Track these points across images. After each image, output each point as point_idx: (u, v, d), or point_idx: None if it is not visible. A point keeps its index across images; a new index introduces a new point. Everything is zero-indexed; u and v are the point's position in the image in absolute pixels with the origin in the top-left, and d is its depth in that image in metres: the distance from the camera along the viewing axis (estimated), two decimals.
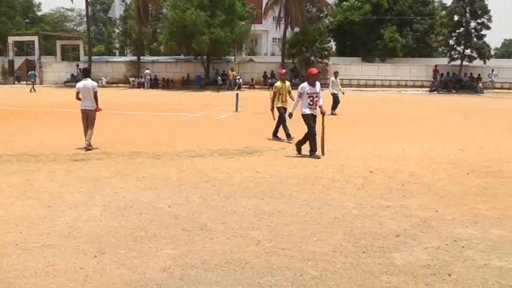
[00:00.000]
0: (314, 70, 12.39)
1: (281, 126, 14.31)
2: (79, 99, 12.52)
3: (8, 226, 6.35)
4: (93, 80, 12.94)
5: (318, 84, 12.28)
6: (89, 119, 12.48)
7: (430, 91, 44.77)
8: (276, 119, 14.50)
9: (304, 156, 11.57)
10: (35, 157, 11.19)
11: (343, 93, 23.53)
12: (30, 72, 46.50)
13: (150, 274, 5.01)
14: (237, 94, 25.26)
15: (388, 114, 23.15)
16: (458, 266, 5.22)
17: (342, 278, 4.94)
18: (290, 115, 12.64)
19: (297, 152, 11.85)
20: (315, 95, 12.02)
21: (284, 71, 16.11)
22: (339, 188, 8.52)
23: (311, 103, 11.98)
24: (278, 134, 14.49)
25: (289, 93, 14.96)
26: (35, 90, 41.39)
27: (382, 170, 9.96)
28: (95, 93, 12.41)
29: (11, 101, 27.13)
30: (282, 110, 14.41)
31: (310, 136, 11.67)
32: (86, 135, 12.46)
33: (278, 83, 14.98)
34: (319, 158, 11.32)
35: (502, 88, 45.88)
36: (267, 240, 5.97)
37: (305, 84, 12.12)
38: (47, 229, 6.34)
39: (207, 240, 5.95)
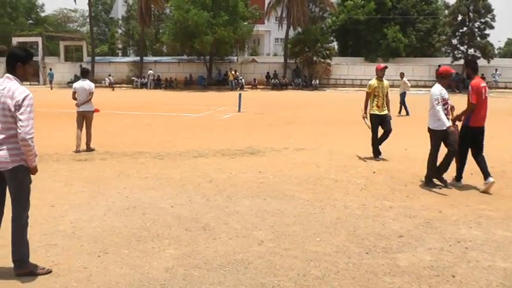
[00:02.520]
0: (448, 69, 9.27)
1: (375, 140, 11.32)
2: (75, 98, 12.49)
3: None
4: (92, 81, 12.90)
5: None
6: (86, 121, 12.42)
7: None
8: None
9: (305, 156, 11.55)
10: (38, 157, 11.19)
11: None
12: (49, 72, 50.55)
13: (153, 274, 5.00)
14: (240, 94, 25.26)
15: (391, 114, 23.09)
16: (462, 267, 5.20)
17: (345, 278, 4.93)
18: (454, 127, 8.84)
19: (440, 184, 8.79)
20: (448, 102, 8.97)
21: (382, 65, 11.61)
22: (341, 189, 8.51)
23: (446, 113, 8.80)
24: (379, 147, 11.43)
25: (387, 95, 11.45)
26: (51, 88, 46.68)
27: (385, 171, 9.95)
28: (90, 94, 12.39)
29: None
30: (376, 120, 11.20)
31: (452, 157, 8.77)
32: (77, 138, 12.34)
33: (373, 81, 11.35)
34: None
35: (506, 88, 45.63)
36: (270, 240, 5.96)
37: (439, 87, 8.91)
38: (51, 229, 6.36)
39: (210, 240, 5.95)
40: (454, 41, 48.64)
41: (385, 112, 11.23)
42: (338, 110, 25.22)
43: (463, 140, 8.68)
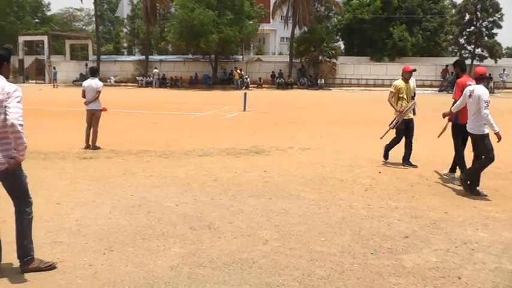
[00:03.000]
0: (486, 70, 8.88)
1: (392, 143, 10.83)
2: (84, 97, 12.58)
3: None
4: (100, 79, 12.96)
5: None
6: (93, 119, 12.53)
7: (439, 91, 44.52)
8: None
9: (311, 154, 11.53)
10: (44, 155, 11.23)
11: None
12: (54, 70, 50.85)
13: (158, 272, 5.00)
14: (245, 93, 25.24)
15: None
16: (468, 269, 5.17)
17: (349, 278, 4.91)
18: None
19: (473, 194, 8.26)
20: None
21: (411, 67, 10.77)
22: (347, 188, 8.49)
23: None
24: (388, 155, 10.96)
25: (413, 98, 10.75)
26: (56, 87, 47.59)
27: (391, 171, 9.92)
28: (98, 92, 12.45)
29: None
30: (402, 124, 10.55)
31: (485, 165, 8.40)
32: (86, 135, 12.50)
33: (398, 81, 10.65)
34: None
35: None
36: (275, 239, 5.95)
37: (485, 89, 8.31)
38: (56, 226, 6.36)
39: (214, 239, 5.94)
40: (461, 41, 48.49)
41: (411, 116, 10.62)
42: (343, 109, 25.20)
43: (457, 136, 9.08)
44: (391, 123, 10.57)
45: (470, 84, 8.68)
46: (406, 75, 10.58)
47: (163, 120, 19.27)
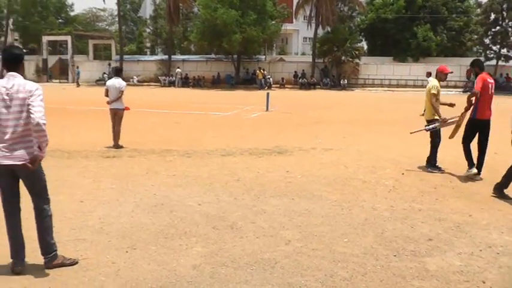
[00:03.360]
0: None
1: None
2: (107, 96, 12.70)
3: None
4: (123, 79, 13.08)
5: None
6: (116, 118, 12.64)
7: (463, 91, 43.98)
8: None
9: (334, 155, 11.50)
10: (67, 153, 11.35)
11: None
12: (77, 70, 51.41)
13: (180, 271, 5.03)
14: (268, 93, 25.22)
15: (419, 114, 22.79)
16: (492, 273, 5.11)
17: (372, 280, 4.89)
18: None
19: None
20: None
21: (449, 69, 10.29)
22: (370, 190, 8.45)
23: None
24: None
25: None
26: (79, 85, 48.50)
27: (414, 172, 9.84)
28: (121, 92, 12.56)
29: (44, 99, 27.49)
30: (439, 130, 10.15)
31: None
32: (113, 134, 12.65)
33: (438, 83, 10.03)
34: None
35: None
36: (297, 240, 5.94)
37: None
38: (79, 224, 6.44)
39: (237, 239, 5.96)
40: (486, 41, 47.85)
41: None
42: (366, 110, 25.05)
43: (472, 132, 9.36)
44: (428, 125, 10.13)
45: (491, 82, 9.21)
46: (443, 77, 10.19)
47: (186, 120, 19.36)
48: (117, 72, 13.33)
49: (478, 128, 9.30)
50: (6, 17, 61.35)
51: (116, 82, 12.58)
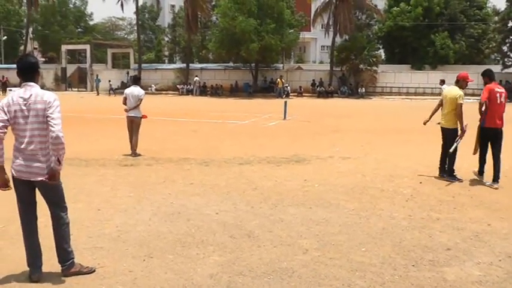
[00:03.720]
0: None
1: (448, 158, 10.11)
2: (125, 104, 12.82)
3: None
4: (141, 87, 13.19)
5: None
6: (133, 125, 12.74)
7: None
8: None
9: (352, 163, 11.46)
10: (85, 161, 11.44)
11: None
12: (96, 79, 52.14)
13: (197, 280, 5.04)
14: (285, 102, 25.25)
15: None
16: None
17: None
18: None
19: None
20: None
21: (471, 78, 10.28)
22: (387, 198, 8.41)
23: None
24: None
25: None
26: (98, 94, 49.87)
27: (432, 181, 9.78)
28: (140, 100, 12.66)
29: (63, 107, 27.79)
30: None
31: None
32: (130, 142, 12.74)
33: (461, 91, 9.96)
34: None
35: None
36: (315, 249, 5.93)
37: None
38: (97, 232, 6.48)
39: (254, 248, 5.96)
40: (504, 48, 47.44)
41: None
42: (384, 118, 24.97)
43: (483, 141, 9.76)
44: (457, 136, 9.93)
45: (500, 92, 9.53)
46: (465, 85, 9.99)
47: (203, 128, 19.42)
48: (136, 80, 13.44)
49: (487, 136, 9.62)
50: (26, 26, 62.30)
51: (135, 90, 12.69)
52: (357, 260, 5.59)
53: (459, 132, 9.87)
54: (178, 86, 52.45)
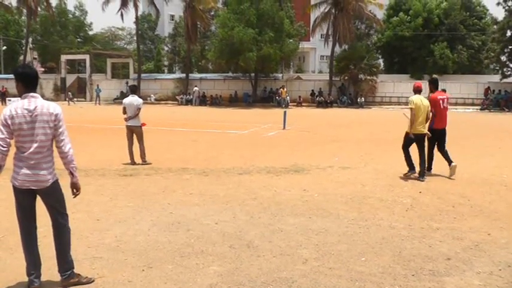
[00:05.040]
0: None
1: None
2: (125, 113, 12.88)
3: None
4: (140, 97, 13.25)
5: None
6: (135, 135, 12.78)
7: (481, 109, 43.72)
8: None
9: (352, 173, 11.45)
10: (84, 171, 11.41)
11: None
12: (96, 88, 52.31)
13: None
14: (285, 112, 25.27)
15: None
16: None
17: None
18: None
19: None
20: None
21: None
22: (387, 208, 8.40)
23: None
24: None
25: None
26: (99, 104, 50.10)
27: (432, 191, 9.77)
28: (138, 109, 12.71)
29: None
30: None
31: None
32: (129, 152, 12.80)
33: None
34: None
35: None
36: (314, 259, 5.93)
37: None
38: (96, 242, 6.47)
39: (254, 258, 5.95)
40: (503, 58, 47.48)
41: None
42: (383, 128, 24.94)
43: (431, 139, 11.30)
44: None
45: (442, 98, 11.37)
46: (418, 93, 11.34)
47: (203, 138, 19.42)
48: (133, 90, 13.53)
49: (436, 135, 11.24)
50: (26, 36, 62.22)
51: (134, 100, 12.75)
52: (356, 270, 5.58)
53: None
54: (177, 96, 52.37)
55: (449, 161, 11.10)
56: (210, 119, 31.11)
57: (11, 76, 46.33)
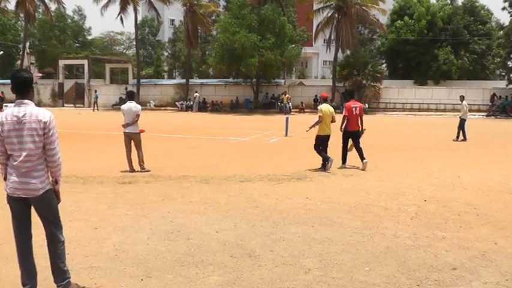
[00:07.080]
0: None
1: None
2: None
3: None
4: (139, 103, 13.12)
5: None
6: (133, 142, 12.68)
7: (487, 115, 43.53)
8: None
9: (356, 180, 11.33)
10: (82, 179, 11.33)
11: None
12: (95, 94, 51.90)
13: None
14: (287, 118, 25.11)
15: (442, 139, 22.52)
16: None
17: None
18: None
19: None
20: None
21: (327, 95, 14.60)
22: (391, 217, 8.28)
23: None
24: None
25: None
26: (97, 109, 49.35)
27: (437, 199, 9.64)
28: (137, 116, 12.60)
29: (60, 123, 27.66)
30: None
31: None
32: (128, 160, 12.68)
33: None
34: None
35: None
36: (317, 268, 5.82)
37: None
38: (94, 251, 6.37)
39: (255, 267, 5.85)
40: (509, 63, 47.36)
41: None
42: (387, 135, 24.83)
43: (346, 138, 13.83)
44: None
45: (355, 107, 13.75)
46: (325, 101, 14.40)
47: (203, 145, 19.35)
48: (131, 96, 13.36)
49: (350, 135, 13.72)
50: (23, 41, 61.48)
51: (132, 106, 12.64)
52: (360, 280, 5.48)
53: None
54: (176, 102, 52.10)
55: (362, 158, 13.37)
56: (211, 125, 31.05)
57: (8, 81, 45.87)
